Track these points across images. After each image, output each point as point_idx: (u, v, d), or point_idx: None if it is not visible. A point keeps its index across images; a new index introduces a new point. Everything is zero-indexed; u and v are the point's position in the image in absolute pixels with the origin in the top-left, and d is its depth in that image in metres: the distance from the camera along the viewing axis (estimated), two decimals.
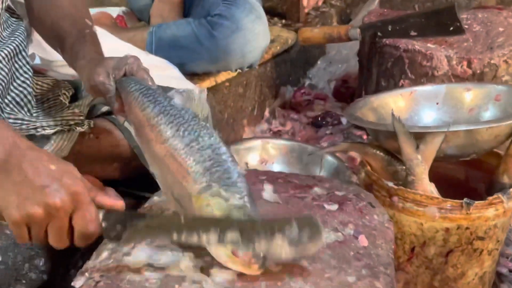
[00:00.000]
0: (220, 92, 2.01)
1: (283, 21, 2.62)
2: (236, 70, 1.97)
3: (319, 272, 0.96)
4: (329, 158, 1.82)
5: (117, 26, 2.21)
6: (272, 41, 2.27)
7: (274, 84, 2.37)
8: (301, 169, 1.82)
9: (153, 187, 1.16)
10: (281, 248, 0.84)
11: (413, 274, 1.37)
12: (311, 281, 0.93)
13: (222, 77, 2.00)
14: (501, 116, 1.39)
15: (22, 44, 1.32)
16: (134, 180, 1.42)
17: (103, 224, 0.89)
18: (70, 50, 1.19)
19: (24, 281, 1.30)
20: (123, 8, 2.46)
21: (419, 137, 1.26)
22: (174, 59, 1.85)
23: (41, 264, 1.33)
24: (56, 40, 1.23)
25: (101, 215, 0.89)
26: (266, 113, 2.30)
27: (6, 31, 1.29)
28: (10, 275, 1.28)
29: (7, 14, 1.33)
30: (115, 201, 0.90)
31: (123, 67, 1.10)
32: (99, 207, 0.89)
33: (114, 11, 2.41)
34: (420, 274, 1.36)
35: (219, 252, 0.87)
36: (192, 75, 1.91)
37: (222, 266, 0.91)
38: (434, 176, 1.35)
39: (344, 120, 2.21)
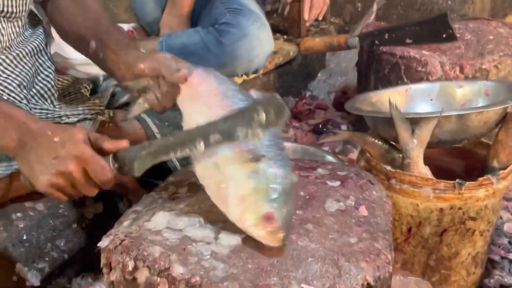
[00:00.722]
0: None
1: (285, 36, 2.74)
2: (242, 76, 2.08)
3: (324, 234, 1.05)
4: (330, 158, 1.92)
5: None
6: (275, 53, 2.40)
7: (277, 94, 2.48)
8: None
9: (167, 175, 1.28)
10: (257, 133, 0.96)
11: (410, 254, 1.46)
12: (316, 240, 1.03)
13: None
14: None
15: (43, 43, 1.44)
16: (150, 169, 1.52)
17: (116, 165, 1.04)
18: (110, 37, 1.25)
19: (46, 259, 1.39)
20: (133, 24, 2.58)
21: (414, 122, 1.37)
22: None
23: (62, 244, 1.43)
24: (94, 32, 1.28)
25: (110, 159, 1.03)
26: None
27: (28, 31, 1.40)
28: (34, 253, 1.37)
29: (29, 18, 1.44)
30: (119, 143, 1.05)
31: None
32: (107, 152, 1.04)
33: (125, 27, 2.53)
34: (416, 254, 1.45)
35: (249, 215, 0.96)
36: None
37: (229, 232, 1.01)
38: (430, 167, 1.45)
39: (344, 127, 2.32)
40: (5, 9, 1.26)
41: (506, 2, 3.09)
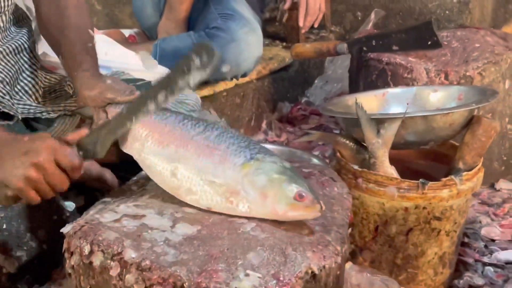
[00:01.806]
0: (218, 100, 2.18)
1: (284, 43, 2.79)
2: (231, 79, 2.14)
3: (277, 225, 1.09)
4: (315, 160, 1.96)
5: (127, 41, 2.40)
6: (270, 58, 2.46)
7: (272, 99, 2.54)
8: None
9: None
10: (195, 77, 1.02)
11: (378, 253, 1.49)
12: (268, 231, 1.07)
13: (220, 87, 2.17)
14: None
15: (29, 42, 1.50)
16: (129, 164, 1.58)
17: (81, 153, 1.11)
18: (72, 59, 1.31)
19: (25, 248, 1.44)
20: (135, 30, 2.66)
21: (380, 123, 1.41)
22: None
23: (42, 235, 1.48)
24: (60, 47, 1.35)
25: (75, 148, 1.11)
26: (263, 125, 2.46)
27: (14, 26, 1.47)
28: (13, 242, 1.43)
29: (15, 14, 1.49)
30: (80, 132, 1.13)
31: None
32: (72, 143, 1.11)
33: (127, 32, 2.61)
34: (384, 252, 1.48)
35: (280, 204, 1.03)
36: None
37: (186, 222, 1.07)
38: (402, 168, 1.49)
39: (337, 132, 2.36)
40: None
41: (507, 12, 3.11)
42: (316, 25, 2.51)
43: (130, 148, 1.16)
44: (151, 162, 1.13)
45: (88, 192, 1.56)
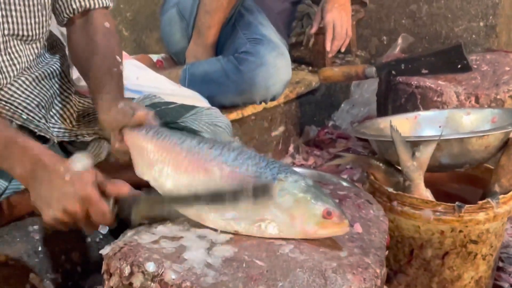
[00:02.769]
0: (247, 124, 2.19)
1: (310, 68, 2.80)
2: (260, 103, 2.15)
3: (315, 247, 1.09)
4: (345, 184, 1.96)
5: (155, 66, 2.43)
6: (297, 82, 2.47)
7: (299, 123, 2.54)
8: None
9: None
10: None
11: (413, 276, 1.48)
12: (306, 253, 1.07)
13: (248, 110, 2.18)
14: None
15: (63, 66, 1.52)
16: None
17: (116, 209, 1.12)
18: (96, 83, 1.32)
19: (60, 270, 1.45)
20: (163, 55, 2.69)
21: (415, 145, 1.40)
22: (204, 92, 2.06)
23: (76, 257, 1.49)
24: (87, 72, 1.37)
25: (111, 203, 1.11)
26: (291, 149, 2.47)
27: (49, 52, 1.49)
28: (48, 264, 1.43)
29: (50, 40, 1.52)
30: (121, 188, 1.12)
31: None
32: (110, 195, 1.11)
33: (154, 57, 2.64)
34: (419, 276, 1.47)
35: (309, 223, 1.04)
36: (220, 108, 2.09)
37: (224, 244, 1.07)
38: (436, 192, 1.48)
39: (365, 155, 2.35)
40: (21, 33, 1.34)
41: None
42: (342, 50, 2.51)
43: (145, 174, 1.17)
44: (169, 189, 1.14)
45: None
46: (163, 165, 1.14)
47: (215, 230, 1.11)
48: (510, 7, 2.92)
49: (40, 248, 1.43)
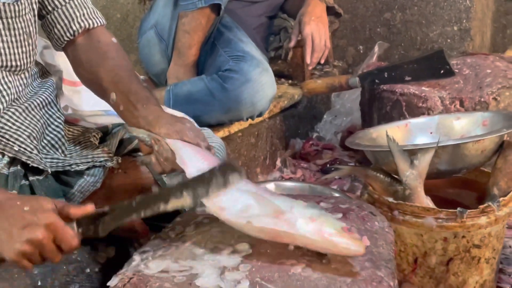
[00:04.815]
0: (234, 141, 2.18)
1: (290, 81, 2.80)
2: (247, 119, 2.14)
3: (326, 264, 1.08)
4: (337, 195, 1.95)
5: None
6: (280, 96, 2.47)
7: (284, 136, 2.54)
8: None
9: (173, 218, 1.33)
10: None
11: (419, 285, 1.47)
12: (319, 270, 1.06)
13: (235, 127, 2.17)
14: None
15: (52, 95, 1.50)
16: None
17: (80, 230, 1.10)
18: (137, 94, 1.33)
19: None
20: (142, 77, 2.67)
21: (412, 154, 1.41)
22: (190, 113, 2.03)
23: None
24: (114, 85, 1.36)
25: (75, 225, 1.09)
26: (278, 163, 2.46)
27: (36, 81, 1.47)
28: None
29: (36, 69, 1.50)
30: (85, 208, 1.10)
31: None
32: (71, 218, 1.09)
33: None
34: (424, 284, 1.47)
35: (328, 227, 1.02)
36: (206, 127, 2.08)
37: (235, 268, 1.05)
38: (434, 198, 1.48)
39: (352, 165, 2.35)
40: (9, 64, 1.31)
41: (506, 37, 3.15)
42: (322, 61, 2.51)
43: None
44: None
45: (118, 242, 1.54)
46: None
47: (223, 253, 1.09)
48: (482, 11, 2.97)
49: (39, 283, 1.39)
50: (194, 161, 1.20)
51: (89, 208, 1.10)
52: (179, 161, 1.22)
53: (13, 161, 1.33)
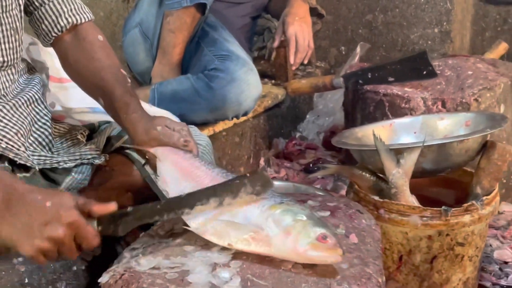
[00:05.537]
0: (219, 140, 2.19)
1: (273, 81, 2.82)
2: (232, 118, 2.15)
3: None
4: (321, 194, 1.97)
5: None
6: (264, 96, 2.48)
7: (267, 136, 2.55)
8: None
9: None
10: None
11: (403, 282, 1.50)
12: (308, 267, 1.07)
13: (220, 126, 2.18)
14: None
15: (40, 92, 1.49)
16: None
17: (99, 229, 1.10)
18: (119, 101, 1.33)
19: None
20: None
21: (398, 153, 1.43)
22: (175, 111, 2.04)
23: (62, 286, 1.45)
24: (99, 90, 1.37)
25: (95, 223, 1.09)
26: (262, 162, 2.47)
27: (23, 77, 1.46)
28: None
29: (22, 65, 1.49)
30: (108, 207, 1.10)
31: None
32: (94, 216, 1.09)
33: None
34: (409, 281, 1.49)
35: (301, 242, 1.02)
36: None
37: (226, 264, 1.06)
38: (418, 197, 1.51)
39: (335, 164, 2.38)
40: None
41: (485, 40, 3.20)
42: (305, 62, 2.54)
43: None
44: None
45: (104, 240, 1.54)
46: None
47: (213, 249, 1.10)
48: (462, 13, 3.02)
49: (26, 280, 1.38)
50: (174, 182, 1.21)
51: (112, 206, 1.10)
52: (161, 181, 1.24)
53: (0, 158, 1.32)
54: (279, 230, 1.04)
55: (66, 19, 1.40)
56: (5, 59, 1.34)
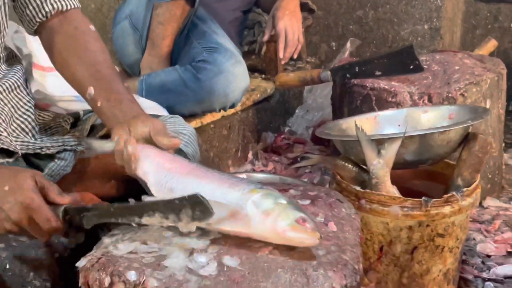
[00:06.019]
0: (206, 133, 2.19)
1: (263, 76, 2.82)
2: (219, 110, 2.16)
3: (293, 247, 1.10)
4: (304, 184, 1.98)
5: None
6: (252, 90, 2.49)
7: (256, 130, 2.56)
8: None
9: None
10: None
11: (384, 273, 1.51)
12: (285, 253, 1.08)
13: (207, 119, 2.19)
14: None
15: (21, 79, 1.49)
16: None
17: (67, 217, 1.13)
18: (114, 95, 1.31)
19: (29, 287, 1.42)
20: (116, 67, 2.66)
21: (380, 143, 1.44)
22: (162, 103, 2.05)
23: (44, 273, 1.45)
24: (93, 81, 1.34)
25: (61, 210, 1.11)
26: (250, 155, 2.48)
27: (4, 64, 1.46)
28: (17, 282, 1.40)
29: (4, 53, 1.49)
30: (65, 198, 1.12)
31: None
32: (57, 204, 1.12)
33: None
34: (389, 272, 1.50)
35: (280, 222, 1.02)
36: None
37: (203, 250, 1.07)
38: (400, 189, 1.51)
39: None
40: None
41: (475, 37, 3.21)
42: (295, 56, 2.55)
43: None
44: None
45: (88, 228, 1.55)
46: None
47: (190, 235, 1.11)
48: (452, 10, 3.03)
49: (8, 266, 1.39)
50: (157, 176, 1.20)
51: (66, 199, 1.12)
52: (141, 172, 1.21)
53: None
54: (258, 211, 1.04)
55: (51, 4, 1.39)
56: None
